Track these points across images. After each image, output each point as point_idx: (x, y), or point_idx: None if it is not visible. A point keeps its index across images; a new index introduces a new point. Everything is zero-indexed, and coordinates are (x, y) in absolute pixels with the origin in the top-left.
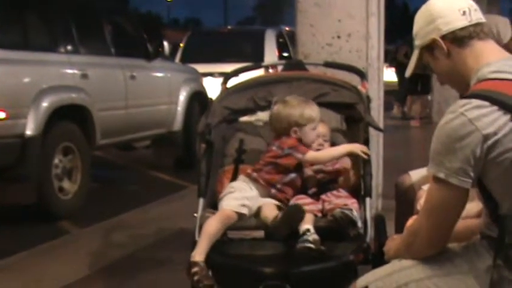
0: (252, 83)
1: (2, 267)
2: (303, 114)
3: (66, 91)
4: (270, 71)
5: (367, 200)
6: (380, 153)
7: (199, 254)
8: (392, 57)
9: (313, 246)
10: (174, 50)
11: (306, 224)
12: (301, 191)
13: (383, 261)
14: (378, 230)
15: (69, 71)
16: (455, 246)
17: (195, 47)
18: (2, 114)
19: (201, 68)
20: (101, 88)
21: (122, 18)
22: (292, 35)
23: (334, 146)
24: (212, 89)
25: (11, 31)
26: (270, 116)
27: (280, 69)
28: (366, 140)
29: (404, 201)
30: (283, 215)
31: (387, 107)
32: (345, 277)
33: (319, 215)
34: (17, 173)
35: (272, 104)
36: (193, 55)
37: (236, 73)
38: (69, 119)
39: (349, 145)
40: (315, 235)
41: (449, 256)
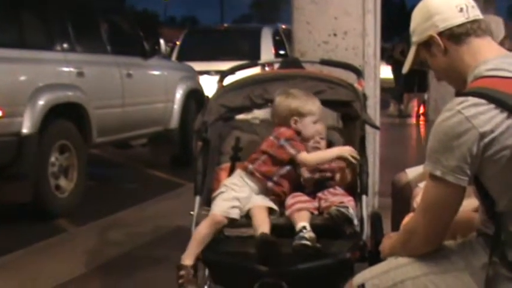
0: (248, 81)
1: None
2: (305, 105)
3: (62, 89)
4: (267, 69)
5: (364, 198)
6: (376, 151)
7: (187, 257)
8: (388, 55)
9: (309, 243)
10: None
11: (302, 222)
12: (298, 189)
13: (379, 258)
14: (375, 228)
15: (66, 69)
16: (451, 243)
17: (192, 45)
18: None
19: (198, 66)
20: (97, 86)
21: (118, 16)
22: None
23: (330, 143)
24: (208, 87)
25: (7, 29)
26: (272, 107)
27: (276, 67)
28: (362, 138)
29: (400, 199)
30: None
31: (384, 105)
32: (341, 275)
33: (316, 212)
34: (13, 171)
35: (275, 96)
36: (189, 53)
37: (232, 71)
38: (66, 117)
39: (339, 149)
40: (311, 233)
41: (446, 253)
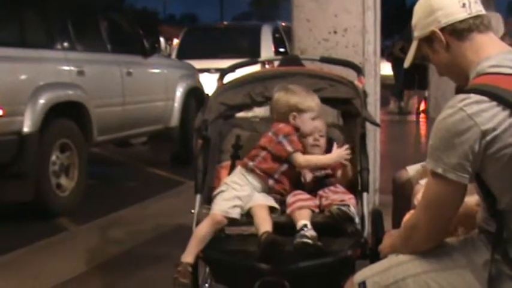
0: (248, 79)
1: (0, 264)
2: (304, 102)
3: (62, 88)
4: (267, 66)
5: (364, 195)
6: (377, 148)
7: (187, 255)
8: (389, 52)
9: (310, 241)
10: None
11: (303, 220)
12: (299, 187)
13: (380, 256)
14: (375, 225)
15: (66, 68)
16: (453, 240)
17: (192, 43)
18: None
19: (198, 64)
20: (97, 85)
21: (118, 15)
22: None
23: (330, 141)
24: (208, 84)
25: (7, 28)
26: (271, 103)
27: (276, 64)
28: (363, 135)
29: (401, 196)
30: (261, 249)
31: (383, 102)
32: (342, 272)
33: (317, 210)
34: (14, 170)
35: (274, 92)
36: (189, 51)
37: (232, 69)
38: (66, 116)
39: (333, 156)
40: (312, 231)
41: (447, 250)
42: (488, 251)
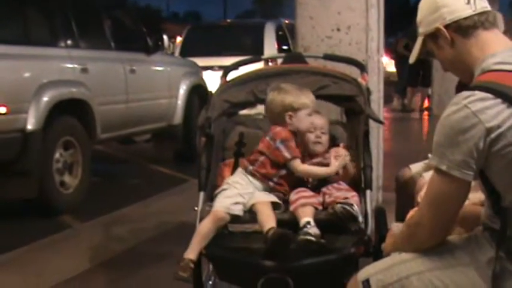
0: (251, 76)
1: (3, 262)
2: (298, 99)
3: (66, 85)
4: (270, 64)
5: (368, 193)
6: (380, 145)
7: (190, 252)
8: (392, 49)
9: (313, 239)
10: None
11: (306, 217)
12: (301, 184)
13: (383, 254)
14: (379, 223)
15: (69, 66)
16: (456, 238)
17: (195, 40)
18: (2, 109)
19: (201, 62)
20: (101, 82)
21: (122, 12)
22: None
23: (333, 138)
24: (212, 82)
25: (11, 26)
26: (266, 103)
27: (280, 62)
28: (366, 133)
29: (404, 194)
30: (269, 245)
31: (387, 100)
32: (345, 270)
33: (320, 207)
34: (18, 167)
35: (267, 92)
36: (192, 49)
37: (236, 66)
38: (70, 114)
39: (332, 169)
40: (315, 228)
41: (451, 248)
42: (492, 249)
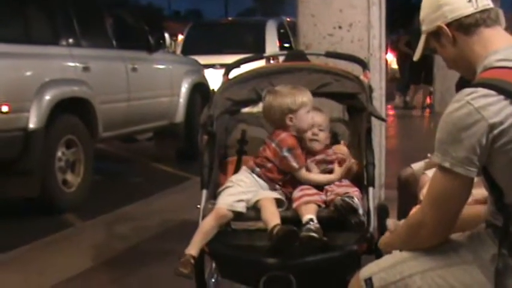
0: (253, 74)
1: (5, 261)
2: (295, 100)
3: (68, 84)
4: (271, 61)
5: (370, 190)
6: (382, 143)
7: (191, 248)
8: (394, 46)
9: (316, 235)
10: None
11: (309, 214)
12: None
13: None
14: (381, 220)
15: (71, 64)
16: (459, 235)
17: (196, 38)
18: (4, 108)
19: (203, 60)
20: (102, 81)
21: (123, 11)
22: (293, 26)
23: (336, 136)
24: (214, 80)
25: (12, 25)
26: (263, 108)
27: (281, 60)
28: (369, 130)
29: (406, 192)
30: (275, 242)
31: (389, 97)
32: (348, 267)
33: (323, 205)
34: (20, 166)
35: (263, 96)
36: (194, 47)
37: (238, 64)
38: (72, 112)
39: (336, 177)
40: (317, 225)
41: (453, 246)
42: (495, 246)
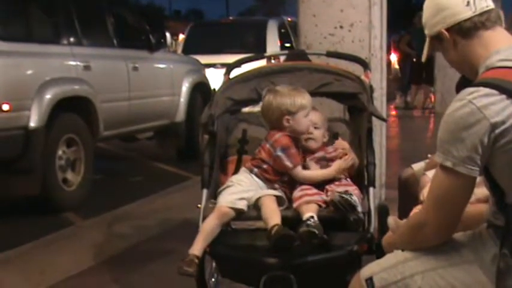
0: (254, 74)
1: (6, 259)
2: (294, 102)
3: (69, 83)
4: (272, 61)
5: (371, 190)
6: (383, 143)
7: (195, 248)
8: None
9: (315, 230)
10: None
11: (310, 212)
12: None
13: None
14: (382, 220)
15: (72, 63)
16: (460, 235)
17: (197, 38)
18: (5, 107)
19: (204, 59)
20: (103, 80)
21: (124, 10)
22: (294, 26)
23: (336, 135)
24: (215, 79)
25: (13, 23)
26: (262, 107)
27: (282, 59)
28: (369, 130)
29: (407, 192)
30: (272, 243)
31: (389, 97)
32: (348, 267)
33: (323, 205)
34: (20, 164)
35: (262, 95)
36: (195, 46)
37: (238, 64)
38: (72, 111)
39: (331, 171)
40: (317, 222)
41: (455, 246)
42: (496, 246)
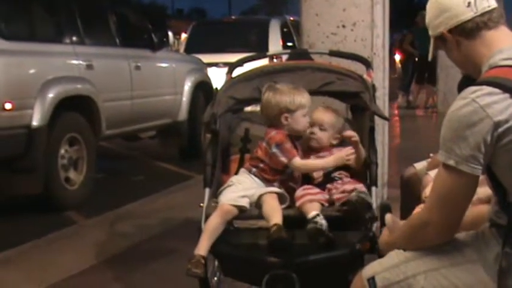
0: (257, 73)
1: (8, 258)
2: (294, 101)
3: (71, 82)
4: (275, 60)
5: (373, 189)
6: (385, 142)
7: (200, 248)
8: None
9: (323, 228)
10: None
11: (315, 211)
12: (307, 181)
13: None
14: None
15: (75, 62)
16: (463, 235)
17: (200, 37)
18: (8, 105)
19: (206, 58)
20: (106, 79)
21: (127, 9)
22: (296, 25)
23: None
24: (217, 79)
25: (16, 22)
26: (261, 103)
27: (285, 58)
28: (372, 129)
29: (409, 191)
30: (271, 245)
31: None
32: (351, 266)
33: (326, 204)
34: (23, 163)
35: (262, 92)
36: (197, 45)
37: (241, 63)
38: (75, 110)
39: (330, 160)
40: (324, 221)
41: (457, 245)
42: (499, 245)
